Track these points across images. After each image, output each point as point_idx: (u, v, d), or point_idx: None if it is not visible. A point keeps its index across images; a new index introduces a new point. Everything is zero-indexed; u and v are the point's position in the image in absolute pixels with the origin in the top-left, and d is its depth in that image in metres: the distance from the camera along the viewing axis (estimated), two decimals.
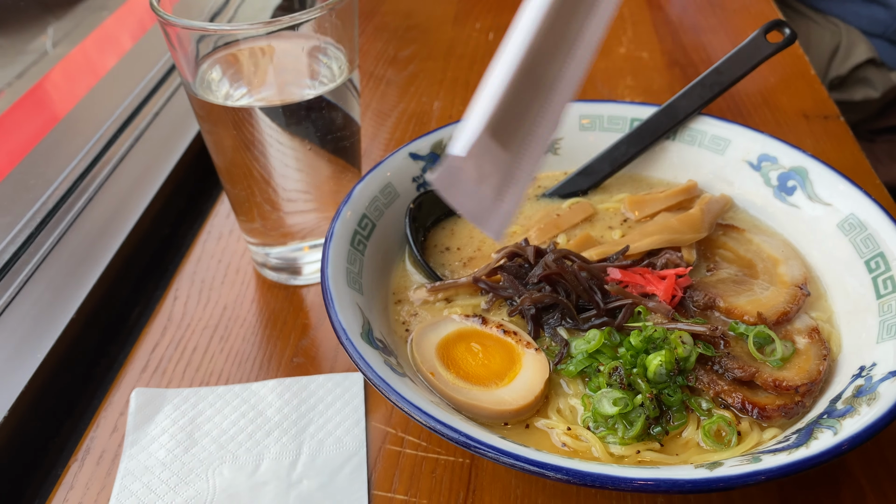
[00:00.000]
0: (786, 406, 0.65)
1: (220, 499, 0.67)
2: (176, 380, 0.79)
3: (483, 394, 0.68)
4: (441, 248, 0.85)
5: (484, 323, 0.74)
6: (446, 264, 0.83)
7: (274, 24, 0.71)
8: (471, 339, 0.73)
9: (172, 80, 1.27)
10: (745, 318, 0.72)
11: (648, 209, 0.86)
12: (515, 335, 0.73)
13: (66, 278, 0.88)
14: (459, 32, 1.48)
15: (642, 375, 0.66)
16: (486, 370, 0.70)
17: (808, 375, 0.67)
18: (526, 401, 0.67)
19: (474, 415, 0.66)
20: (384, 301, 0.77)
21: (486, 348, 0.72)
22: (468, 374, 0.70)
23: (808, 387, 0.66)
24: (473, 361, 0.71)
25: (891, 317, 0.68)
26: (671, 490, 0.53)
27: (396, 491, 0.67)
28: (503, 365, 0.70)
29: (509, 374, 0.69)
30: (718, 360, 0.68)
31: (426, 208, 0.86)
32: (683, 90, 0.88)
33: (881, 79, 1.69)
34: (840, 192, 0.79)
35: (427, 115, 1.24)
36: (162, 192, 1.04)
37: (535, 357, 0.71)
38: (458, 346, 0.72)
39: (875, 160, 1.64)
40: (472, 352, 0.72)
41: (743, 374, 0.67)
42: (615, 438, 0.64)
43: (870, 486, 0.66)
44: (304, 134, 0.80)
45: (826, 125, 1.15)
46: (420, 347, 0.72)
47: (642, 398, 0.64)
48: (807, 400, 0.66)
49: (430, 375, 0.69)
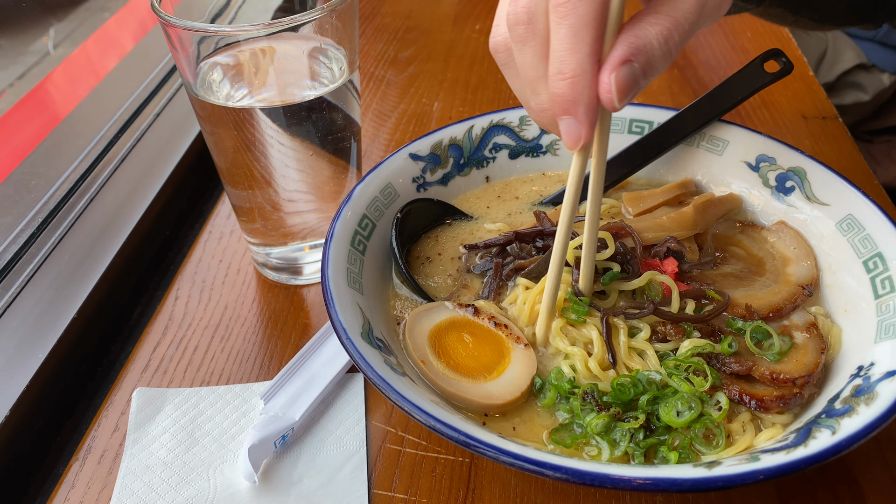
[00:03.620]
0: (783, 397, 0.65)
1: (221, 497, 0.67)
2: (177, 379, 0.80)
3: (472, 386, 0.69)
4: (423, 259, 0.84)
5: (476, 313, 0.75)
6: (430, 275, 0.82)
7: (275, 26, 0.71)
8: (462, 329, 0.74)
9: (173, 81, 1.28)
10: (735, 309, 0.73)
11: (644, 205, 0.87)
12: (506, 328, 0.73)
13: (67, 278, 0.89)
14: (459, 33, 1.48)
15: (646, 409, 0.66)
16: (476, 362, 0.71)
17: (805, 368, 0.67)
18: (513, 396, 0.68)
19: (461, 405, 0.68)
20: (384, 301, 0.78)
21: (476, 339, 0.73)
22: (458, 364, 0.71)
23: (805, 379, 0.66)
24: (464, 352, 0.72)
25: (889, 316, 0.68)
26: (670, 489, 0.54)
27: (396, 490, 0.68)
28: (492, 358, 0.71)
29: (498, 368, 0.70)
30: (716, 354, 0.69)
31: (413, 219, 0.85)
32: (677, 114, 0.89)
33: (871, 82, 1.69)
34: (838, 193, 0.79)
35: (427, 116, 1.24)
36: (163, 192, 1.05)
37: (523, 352, 0.71)
38: (449, 335, 0.73)
39: (873, 161, 1.64)
40: (464, 342, 0.72)
41: (740, 369, 0.68)
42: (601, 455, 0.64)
43: (868, 486, 0.66)
44: (304, 135, 0.80)
45: (824, 126, 1.15)
46: (413, 334, 0.72)
47: (631, 425, 0.64)
48: (805, 391, 0.66)
49: (420, 364, 0.69)
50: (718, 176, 0.89)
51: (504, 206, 0.90)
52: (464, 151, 0.91)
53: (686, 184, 0.89)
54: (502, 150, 0.93)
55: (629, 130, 0.92)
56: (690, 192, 0.88)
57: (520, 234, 0.81)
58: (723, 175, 0.89)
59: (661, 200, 0.87)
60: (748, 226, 0.85)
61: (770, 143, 0.85)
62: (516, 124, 0.93)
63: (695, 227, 0.81)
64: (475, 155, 0.92)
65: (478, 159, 0.92)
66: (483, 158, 0.92)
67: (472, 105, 1.26)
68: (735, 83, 0.87)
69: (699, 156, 0.90)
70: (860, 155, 1.08)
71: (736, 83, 0.87)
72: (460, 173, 0.91)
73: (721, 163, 0.89)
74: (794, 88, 1.25)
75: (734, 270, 0.80)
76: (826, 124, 1.16)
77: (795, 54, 1.34)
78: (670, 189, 0.88)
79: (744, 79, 0.87)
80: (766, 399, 0.65)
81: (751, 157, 0.86)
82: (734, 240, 0.84)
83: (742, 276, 0.79)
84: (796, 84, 1.26)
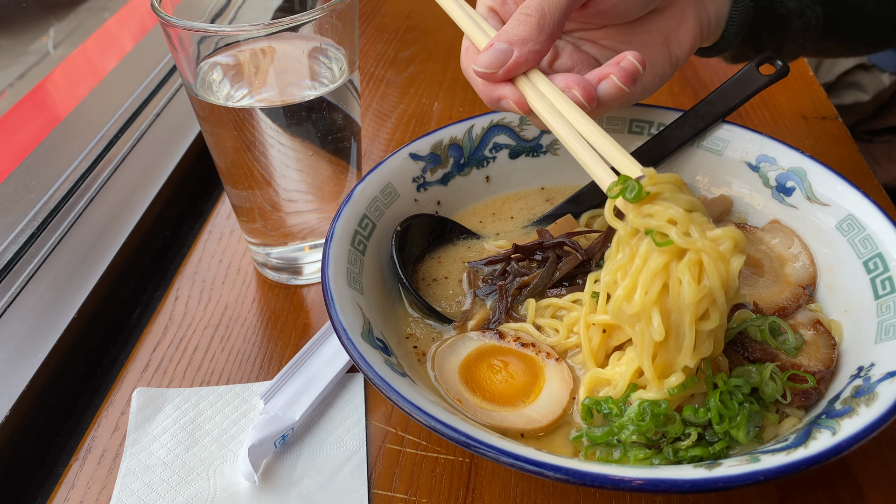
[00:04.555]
0: (806, 392, 0.65)
1: (221, 497, 0.67)
2: (177, 379, 0.80)
3: (511, 415, 0.67)
4: (429, 281, 0.82)
5: (501, 337, 0.73)
6: (438, 298, 0.80)
7: (275, 26, 0.71)
8: (491, 357, 0.72)
9: (173, 81, 1.28)
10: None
11: None
12: (534, 346, 0.72)
13: (67, 278, 0.89)
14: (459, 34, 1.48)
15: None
16: (511, 388, 0.69)
17: (822, 362, 0.68)
18: (554, 416, 0.66)
19: (506, 435, 0.65)
20: (384, 301, 0.78)
21: (507, 364, 0.71)
22: (494, 395, 0.69)
23: (823, 373, 0.67)
24: (497, 380, 0.70)
25: (889, 317, 0.68)
26: (670, 490, 0.54)
27: (396, 490, 0.68)
28: (527, 380, 0.70)
29: (534, 390, 0.69)
30: (741, 340, 0.69)
31: (412, 234, 0.83)
32: (674, 121, 0.89)
33: (871, 81, 1.69)
34: (838, 193, 0.79)
35: (427, 116, 1.24)
36: (163, 192, 1.05)
37: (556, 367, 0.70)
38: (480, 366, 0.71)
39: (873, 161, 1.64)
40: (495, 370, 0.71)
41: (764, 356, 0.68)
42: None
43: (869, 487, 0.66)
44: (304, 135, 0.80)
45: (824, 126, 1.15)
46: (443, 373, 0.70)
47: (687, 445, 0.62)
48: (822, 387, 0.66)
49: (457, 403, 0.68)
50: (718, 176, 0.89)
51: (504, 224, 0.90)
52: (464, 151, 0.91)
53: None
54: (502, 149, 0.93)
55: (629, 130, 0.92)
56: None
57: (519, 248, 0.80)
58: (723, 175, 0.88)
59: None
60: (742, 227, 0.84)
61: (770, 143, 0.85)
62: (516, 124, 0.93)
63: None
64: (475, 155, 0.92)
65: (478, 159, 0.92)
66: (483, 158, 0.92)
67: (472, 105, 1.26)
68: (731, 87, 0.87)
69: (699, 156, 0.90)
70: (860, 155, 1.08)
71: (732, 87, 0.87)
72: (460, 173, 0.91)
73: (721, 163, 0.88)
74: (794, 88, 1.25)
75: None
76: (826, 124, 1.16)
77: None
78: None
79: (740, 83, 0.87)
80: (791, 391, 0.65)
81: (751, 157, 0.86)
82: None
83: (742, 276, 0.79)
84: (796, 84, 1.26)
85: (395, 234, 0.80)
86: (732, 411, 0.61)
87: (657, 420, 0.61)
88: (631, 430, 0.61)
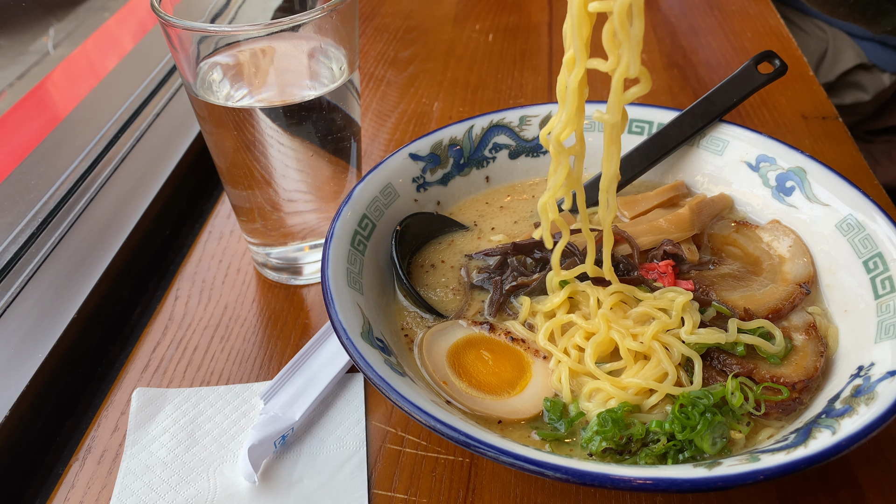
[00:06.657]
0: (783, 403, 0.65)
1: (221, 497, 0.67)
2: (177, 379, 0.80)
3: (496, 403, 0.68)
4: (427, 267, 0.83)
5: (492, 330, 0.74)
6: (433, 286, 0.81)
7: (275, 26, 0.71)
8: (480, 346, 0.73)
9: (173, 81, 1.28)
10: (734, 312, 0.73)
11: (639, 208, 0.87)
12: (523, 343, 0.73)
13: (67, 278, 0.89)
14: (459, 33, 1.48)
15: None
16: (498, 378, 0.70)
17: (805, 372, 0.67)
18: (538, 409, 0.68)
19: (486, 422, 0.67)
20: (384, 301, 0.78)
21: (495, 356, 0.72)
22: (480, 382, 0.70)
23: (804, 383, 0.66)
24: (484, 370, 0.71)
25: (889, 317, 0.68)
26: (670, 489, 0.54)
27: (396, 490, 0.68)
28: (513, 373, 0.71)
29: (520, 383, 0.70)
30: (717, 356, 0.69)
31: (412, 231, 0.84)
32: (673, 119, 0.89)
33: (871, 81, 1.69)
34: (838, 193, 0.79)
35: (427, 116, 1.24)
36: (163, 192, 1.05)
37: (543, 365, 0.71)
38: (468, 354, 0.73)
39: (873, 161, 1.64)
40: (483, 359, 0.72)
41: (741, 370, 0.68)
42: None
43: (868, 486, 0.66)
44: (304, 135, 0.80)
45: (824, 126, 1.15)
46: (431, 355, 0.72)
47: (657, 451, 0.63)
48: (804, 397, 0.66)
49: (443, 385, 0.69)
50: (718, 176, 0.89)
51: (505, 217, 0.90)
52: (464, 151, 0.91)
53: (678, 186, 0.89)
54: (502, 149, 0.93)
55: (629, 131, 0.92)
56: (682, 193, 0.89)
57: (517, 246, 0.80)
58: (723, 175, 0.89)
59: (655, 203, 0.87)
60: (743, 225, 0.85)
61: (770, 143, 0.85)
62: (516, 124, 0.93)
63: (692, 229, 0.82)
64: (475, 155, 0.92)
65: (478, 159, 0.92)
66: (483, 158, 0.92)
67: (472, 105, 1.26)
68: (730, 86, 0.87)
69: (699, 156, 0.90)
70: (860, 155, 1.08)
71: (731, 86, 0.87)
72: (460, 173, 0.91)
73: (721, 163, 0.89)
74: (794, 88, 1.25)
75: (732, 270, 0.80)
76: (826, 124, 1.16)
77: (795, 54, 1.34)
78: (663, 191, 0.88)
79: (738, 81, 0.87)
80: (766, 404, 0.65)
81: (751, 157, 0.86)
82: (730, 239, 0.84)
83: (740, 276, 0.79)
84: (796, 84, 1.26)
85: (395, 234, 0.80)
86: (693, 421, 0.63)
87: (618, 424, 0.63)
88: (599, 440, 0.63)
